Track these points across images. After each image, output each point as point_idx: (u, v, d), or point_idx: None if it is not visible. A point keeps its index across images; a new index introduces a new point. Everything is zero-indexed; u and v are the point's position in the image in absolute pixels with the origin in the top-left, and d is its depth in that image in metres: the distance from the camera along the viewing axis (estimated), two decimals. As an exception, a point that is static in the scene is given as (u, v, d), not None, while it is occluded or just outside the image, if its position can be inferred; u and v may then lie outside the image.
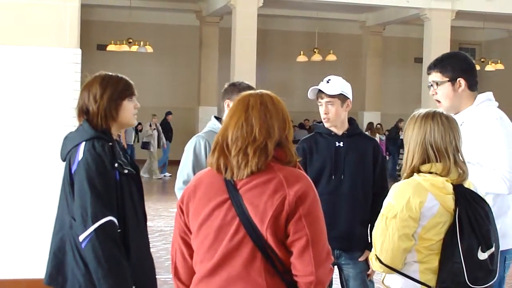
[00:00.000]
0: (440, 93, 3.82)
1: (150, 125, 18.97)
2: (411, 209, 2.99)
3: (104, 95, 3.41)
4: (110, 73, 3.53)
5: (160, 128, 19.45)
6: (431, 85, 3.85)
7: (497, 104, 3.87)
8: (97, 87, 3.44)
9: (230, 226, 2.54)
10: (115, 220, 3.31)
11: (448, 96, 3.79)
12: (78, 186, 3.33)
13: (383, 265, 3.06)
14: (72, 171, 3.36)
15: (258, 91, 2.71)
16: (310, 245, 2.49)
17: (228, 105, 4.34)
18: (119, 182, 3.38)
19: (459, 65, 3.82)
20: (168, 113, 20.44)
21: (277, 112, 2.62)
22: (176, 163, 5.39)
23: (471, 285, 2.97)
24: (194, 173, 4.21)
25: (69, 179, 3.38)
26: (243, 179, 2.55)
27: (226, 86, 4.48)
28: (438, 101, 3.85)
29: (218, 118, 4.51)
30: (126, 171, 3.41)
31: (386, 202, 3.09)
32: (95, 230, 3.25)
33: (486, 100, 3.82)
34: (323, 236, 2.56)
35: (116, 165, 3.35)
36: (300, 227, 2.50)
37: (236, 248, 2.53)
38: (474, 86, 3.83)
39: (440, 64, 3.83)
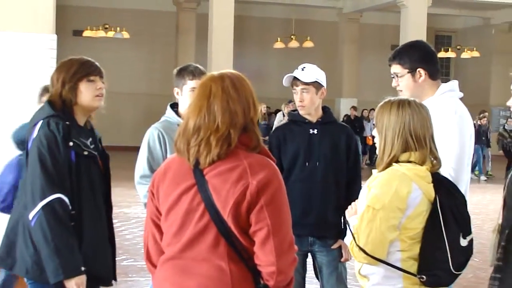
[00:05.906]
0: (402, 84, 3.76)
1: (283, 115, 17.28)
2: (399, 199, 2.98)
3: (59, 79, 3.45)
4: (72, 57, 3.55)
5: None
6: (393, 76, 3.79)
7: (460, 95, 3.79)
8: (55, 72, 3.50)
9: (196, 211, 2.55)
10: (65, 199, 3.27)
11: (409, 87, 3.73)
12: (30, 163, 3.31)
13: (369, 256, 3.02)
14: (28, 149, 3.37)
15: (219, 73, 2.64)
16: (271, 236, 2.49)
17: (178, 93, 4.27)
18: (76, 163, 3.35)
19: (417, 55, 3.75)
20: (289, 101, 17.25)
21: (240, 96, 2.58)
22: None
23: (454, 272, 3.00)
24: (150, 167, 4.17)
25: (26, 158, 3.38)
26: (209, 166, 2.54)
27: (174, 72, 4.34)
28: (401, 91, 3.78)
29: (174, 105, 4.39)
30: (86, 153, 3.39)
31: (371, 193, 3.06)
32: (42, 207, 3.22)
33: (449, 91, 3.75)
34: (285, 226, 2.55)
35: (71, 144, 3.33)
36: (262, 217, 2.49)
37: (201, 233, 2.54)
38: (435, 74, 3.77)
39: (398, 55, 3.77)
